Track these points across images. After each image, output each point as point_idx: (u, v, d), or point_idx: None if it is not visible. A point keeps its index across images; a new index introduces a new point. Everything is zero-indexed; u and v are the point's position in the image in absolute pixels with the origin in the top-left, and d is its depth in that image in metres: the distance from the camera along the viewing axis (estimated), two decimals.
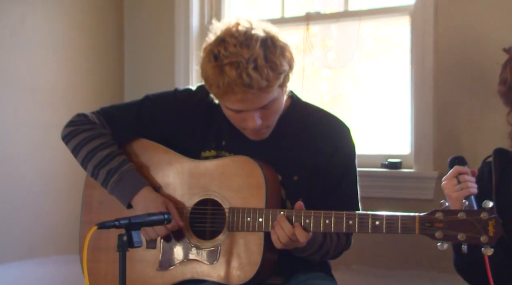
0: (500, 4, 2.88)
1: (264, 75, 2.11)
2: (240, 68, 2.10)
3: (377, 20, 3.33)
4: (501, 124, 2.56)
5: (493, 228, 1.92)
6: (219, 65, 2.14)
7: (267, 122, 2.28)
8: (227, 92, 2.15)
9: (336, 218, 2.11)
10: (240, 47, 2.13)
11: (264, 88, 2.14)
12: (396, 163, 3.12)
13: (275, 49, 2.17)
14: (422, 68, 3.05)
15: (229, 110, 2.25)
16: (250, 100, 2.16)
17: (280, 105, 2.29)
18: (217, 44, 2.18)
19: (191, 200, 2.36)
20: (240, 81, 2.10)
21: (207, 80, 2.21)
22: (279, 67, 2.16)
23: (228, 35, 2.17)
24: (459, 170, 2.22)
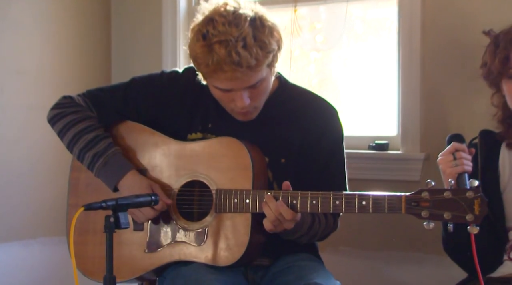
0: None
1: (253, 53, 2.13)
2: (229, 47, 2.11)
3: (364, 1, 3.33)
4: (488, 106, 2.57)
5: (478, 206, 1.94)
6: (208, 44, 2.15)
7: (255, 102, 2.29)
8: (216, 71, 2.16)
9: (323, 199, 2.12)
10: (229, 26, 2.14)
11: (253, 67, 2.14)
12: (383, 144, 3.13)
13: (263, 29, 2.18)
14: (410, 50, 3.06)
15: (218, 90, 2.26)
16: (239, 79, 2.17)
17: (268, 85, 2.29)
18: (206, 23, 2.18)
19: (178, 182, 2.37)
20: (230, 60, 2.11)
21: (195, 60, 2.22)
22: (268, 46, 2.17)
23: (216, 14, 2.18)
24: (456, 146, 2.24)
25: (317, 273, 2.31)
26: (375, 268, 3.18)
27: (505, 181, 2.44)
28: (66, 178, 2.57)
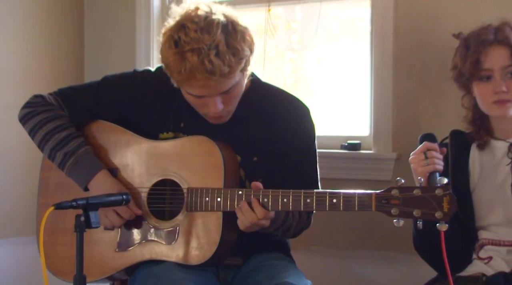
0: None
1: (226, 61, 2.12)
2: (202, 55, 2.10)
3: (338, 2, 3.34)
4: (458, 106, 2.60)
5: (447, 204, 1.96)
6: (180, 51, 2.13)
7: (228, 107, 2.29)
8: (189, 79, 2.15)
9: (294, 197, 2.13)
10: (201, 33, 2.12)
11: (226, 74, 2.14)
12: (356, 144, 3.15)
13: (236, 34, 2.17)
14: (382, 51, 3.08)
15: (191, 96, 2.25)
16: (212, 86, 2.17)
17: (241, 89, 2.30)
18: (177, 29, 2.17)
19: (149, 181, 2.36)
20: (202, 68, 2.10)
21: (168, 67, 2.21)
22: (241, 52, 2.16)
23: (188, 20, 2.16)
24: (428, 146, 2.26)
25: (289, 273, 2.31)
26: (347, 267, 3.20)
27: (474, 181, 2.46)
28: (36, 177, 2.55)
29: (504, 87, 2.33)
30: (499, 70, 2.35)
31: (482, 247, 2.42)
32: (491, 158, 2.47)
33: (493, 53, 2.37)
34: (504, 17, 2.48)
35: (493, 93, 2.36)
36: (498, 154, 2.46)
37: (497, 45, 2.37)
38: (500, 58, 2.36)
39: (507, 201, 2.38)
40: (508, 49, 2.35)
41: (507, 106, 2.36)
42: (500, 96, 2.35)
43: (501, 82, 2.34)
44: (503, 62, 2.35)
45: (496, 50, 2.37)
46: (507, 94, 2.34)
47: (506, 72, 2.35)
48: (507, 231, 2.38)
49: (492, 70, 2.36)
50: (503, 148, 2.45)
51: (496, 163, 2.45)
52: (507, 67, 2.35)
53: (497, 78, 2.35)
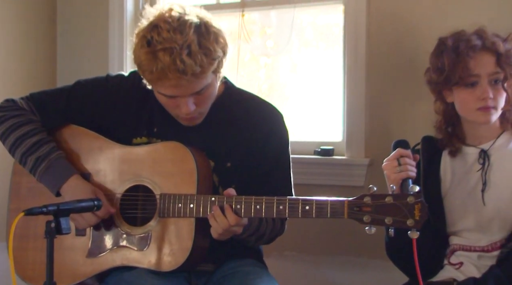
0: None
1: (198, 61, 2.11)
2: (174, 54, 2.09)
3: (312, 7, 3.34)
4: (430, 112, 2.61)
5: (419, 212, 1.96)
6: (152, 51, 2.12)
7: (200, 108, 2.27)
8: (160, 78, 2.14)
9: (267, 203, 2.11)
10: (173, 32, 2.11)
11: (198, 74, 2.13)
12: (329, 150, 3.15)
13: (208, 35, 2.16)
14: (355, 57, 3.08)
15: (163, 96, 2.24)
16: (184, 86, 2.15)
17: (213, 91, 2.28)
18: (150, 29, 2.16)
19: (121, 187, 2.34)
20: (174, 67, 2.09)
21: (140, 66, 2.19)
22: (213, 53, 2.15)
23: (161, 20, 2.16)
24: (401, 152, 2.27)
25: (261, 279, 2.30)
26: (320, 272, 3.19)
27: (446, 187, 2.47)
28: (7, 183, 2.52)
29: (490, 93, 2.34)
30: (486, 76, 2.36)
31: (453, 252, 2.43)
32: (463, 164, 2.48)
33: (481, 59, 2.37)
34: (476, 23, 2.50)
35: (478, 99, 2.36)
36: (469, 160, 2.47)
37: (485, 51, 2.38)
38: (487, 65, 2.37)
39: (478, 207, 2.40)
40: (495, 56, 2.37)
41: (491, 113, 2.37)
42: (486, 103, 2.35)
43: (487, 88, 2.35)
44: (490, 68, 2.36)
45: (484, 57, 2.37)
46: (492, 101, 2.36)
47: (492, 79, 2.37)
48: (478, 237, 2.40)
49: (479, 76, 2.36)
50: (474, 154, 2.46)
51: (467, 169, 2.46)
52: (494, 74, 2.36)
53: (483, 84, 2.35)
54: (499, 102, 2.37)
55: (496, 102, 2.36)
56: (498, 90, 2.36)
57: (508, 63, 2.36)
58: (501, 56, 2.35)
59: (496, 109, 2.37)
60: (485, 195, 2.39)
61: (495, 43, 2.36)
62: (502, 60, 2.35)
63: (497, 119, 2.43)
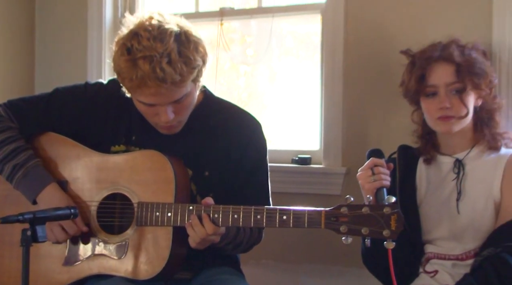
0: (407, 6, 2.93)
1: (178, 69, 2.10)
2: (153, 62, 2.07)
3: (289, 17, 3.34)
4: (407, 121, 2.62)
5: (395, 222, 1.96)
6: (132, 58, 2.11)
7: (179, 117, 2.26)
8: (140, 86, 2.12)
9: (244, 213, 2.11)
10: (153, 41, 2.10)
11: (177, 83, 2.11)
12: (306, 158, 3.14)
13: (188, 44, 2.15)
14: (332, 66, 3.08)
15: (142, 104, 2.22)
16: (164, 94, 2.14)
17: (192, 99, 2.27)
18: (130, 37, 2.14)
19: (99, 195, 2.32)
20: (154, 75, 2.07)
21: (119, 74, 2.18)
22: (193, 61, 2.14)
23: (141, 28, 2.14)
24: (375, 162, 2.28)
25: None
26: (297, 281, 3.18)
27: (421, 196, 2.48)
28: None
29: (448, 103, 2.36)
30: (444, 86, 2.38)
31: (428, 260, 2.43)
32: (438, 173, 2.49)
33: (438, 70, 2.39)
34: (452, 34, 2.51)
35: (437, 109, 2.38)
36: (444, 169, 2.48)
37: (442, 62, 2.39)
38: (444, 75, 2.38)
39: (453, 216, 2.41)
40: (453, 66, 2.38)
41: (451, 122, 2.38)
42: (444, 112, 2.37)
43: (445, 98, 2.36)
44: (448, 78, 2.38)
45: (441, 67, 2.39)
46: (451, 110, 2.37)
47: (451, 89, 2.38)
48: (452, 245, 2.40)
49: (437, 86, 2.38)
50: (449, 163, 2.47)
51: (442, 178, 2.47)
52: (452, 84, 2.38)
53: (441, 94, 2.38)
54: (460, 111, 2.37)
55: (455, 111, 2.37)
56: (458, 100, 2.37)
57: (468, 73, 2.36)
58: (460, 66, 2.36)
59: (456, 118, 2.38)
60: (459, 204, 2.40)
61: (452, 54, 2.37)
62: (461, 70, 2.36)
63: (470, 129, 2.44)
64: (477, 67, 2.39)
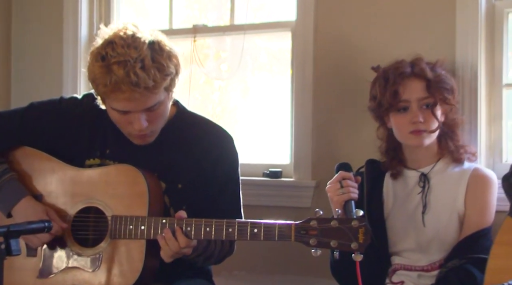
0: (374, 24, 2.96)
1: (151, 75, 2.10)
2: (127, 67, 2.08)
3: (260, 34, 3.35)
4: (374, 136, 2.64)
5: (363, 235, 1.97)
6: (106, 64, 2.11)
7: (152, 126, 2.25)
8: (114, 91, 2.11)
9: (216, 226, 2.11)
10: (127, 48, 2.11)
11: (150, 88, 2.11)
12: (277, 172, 3.15)
13: (162, 52, 2.17)
14: (302, 82, 3.09)
15: (116, 112, 2.21)
16: (137, 100, 2.13)
17: (165, 109, 2.27)
18: (105, 45, 2.15)
19: (73, 208, 2.30)
20: (128, 80, 2.08)
21: (94, 80, 2.17)
22: (166, 68, 2.15)
23: (116, 37, 2.16)
24: (343, 175, 2.29)
25: None
26: None
27: (388, 209, 2.50)
28: None
29: (420, 117, 2.39)
30: (416, 101, 2.41)
31: (394, 272, 2.45)
32: (404, 187, 2.51)
33: (410, 85, 2.43)
34: (418, 52, 2.55)
35: (410, 123, 2.41)
36: (410, 183, 2.50)
37: (414, 78, 2.43)
38: (416, 90, 2.42)
39: (418, 228, 2.43)
40: (424, 82, 2.42)
41: (423, 136, 2.42)
42: (417, 126, 2.40)
43: (417, 112, 2.40)
44: (420, 94, 2.41)
45: (413, 83, 2.43)
46: (423, 125, 2.40)
47: (422, 104, 2.42)
48: (418, 257, 2.43)
49: (409, 101, 2.41)
50: (415, 177, 2.49)
51: (409, 191, 2.50)
52: (423, 99, 2.41)
53: (414, 109, 2.41)
54: (430, 125, 2.41)
55: (427, 125, 2.41)
56: (429, 114, 2.41)
57: (437, 88, 2.42)
58: (430, 82, 2.41)
59: (427, 132, 2.41)
60: (425, 217, 2.42)
61: (424, 70, 2.42)
62: (432, 86, 2.41)
63: (434, 144, 2.47)
64: (446, 83, 2.45)
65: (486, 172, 2.46)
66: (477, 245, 2.32)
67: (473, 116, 2.70)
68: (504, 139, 2.75)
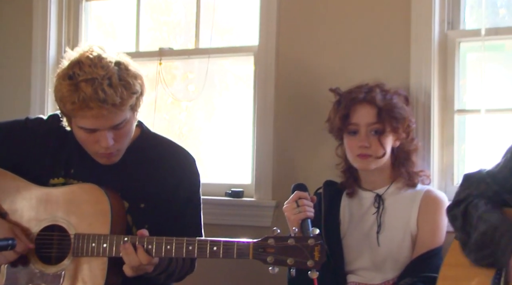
0: (335, 49, 3.00)
1: (118, 92, 2.12)
2: (95, 85, 2.09)
3: (224, 58, 3.38)
4: (332, 158, 2.66)
5: (318, 253, 1.98)
6: (74, 82, 2.12)
7: (118, 144, 2.25)
8: (82, 108, 2.11)
9: (177, 244, 2.11)
10: (95, 67, 2.13)
11: (118, 105, 2.12)
12: (239, 192, 3.16)
13: (127, 71, 2.18)
14: (264, 104, 3.11)
15: (82, 131, 2.21)
16: (105, 117, 2.13)
17: (131, 128, 2.27)
18: (72, 66, 2.16)
19: (37, 226, 2.29)
20: (96, 97, 2.08)
21: (61, 99, 2.17)
22: (132, 87, 2.17)
23: (82, 58, 2.17)
24: (299, 195, 2.32)
25: None
26: None
27: (345, 228, 2.52)
28: None
29: (367, 142, 2.43)
30: (365, 126, 2.45)
31: None
32: (360, 207, 2.54)
33: (360, 110, 2.46)
34: (376, 77, 2.58)
35: (357, 146, 2.45)
36: (366, 204, 2.53)
37: (365, 104, 2.47)
38: (366, 116, 2.45)
39: (373, 247, 2.46)
40: (375, 109, 2.45)
41: (368, 160, 2.46)
42: (363, 151, 2.44)
43: (365, 137, 2.44)
44: (369, 119, 2.45)
45: (364, 108, 2.46)
46: (369, 149, 2.44)
47: (371, 129, 2.45)
48: (373, 275, 2.45)
49: (358, 125, 2.45)
50: (370, 198, 2.53)
51: (364, 212, 2.52)
52: (372, 125, 2.45)
53: (362, 133, 2.45)
54: (378, 151, 2.44)
55: (374, 151, 2.44)
56: (376, 141, 2.44)
57: (388, 116, 2.44)
58: (381, 110, 2.44)
59: (374, 157, 2.44)
60: (379, 237, 2.45)
61: (375, 97, 2.45)
62: (382, 114, 2.44)
63: (388, 167, 2.51)
64: (397, 112, 2.46)
65: (438, 194, 2.50)
66: (428, 264, 2.35)
67: (427, 141, 2.75)
68: (456, 162, 2.80)
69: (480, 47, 2.77)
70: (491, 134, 2.77)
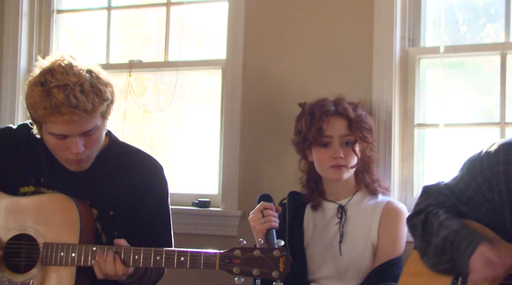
0: (300, 63, 3.02)
1: (90, 98, 2.11)
2: (67, 90, 2.09)
3: (193, 71, 3.38)
4: (297, 169, 2.68)
5: (283, 264, 1.98)
6: (46, 89, 2.11)
7: (88, 151, 2.23)
8: (54, 113, 2.10)
9: (144, 254, 2.11)
10: (66, 74, 2.12)
11: (89, 111, 2.12)
12: (206, 202, 3.15)
13: (98, 79, 2.18)
14: (231, 116, 3.12)
15: (53, 138, 2.19)
16: (76, 122, 2.12)
17: (101, 135, 2.26)
18: (44, 73, 2.15)
19: (6, 235, 2.25)
20: (68, 102, 2.08)
21: (33, 105, 2.15)
22: (103, 94, 2.16)
23: (54, 65, 2.16)
24: (265, 205, 2.33)
25: None
26: None
27: (308, 238, 2.53)
28: None
29: (341, 153, 2.45)
30: (338, 138, 2.47)
31: None
32: (323, 217, 2.56)
33: (333, 123, 2.49)
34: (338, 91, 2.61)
35: (331, 158, 2.46)
36: (329, 214, 2.55)
37: (337, 116, 2.49)
38: (339, 128, 2.48)
39: (336, 257, 2.47)
40: (346, 121, 2.48)
41: (342, 171, 2.47)
42: (337, 161, 2.46)
43: (339, 148, 2.46)
44: (342, 131, 2.48)
45: (337, 121, 2.49)
46: (343, 160, 2.46)
47: (343, 141, 2.48)
48: (335, 284, 2.47)
49: (332, 137, 2.47)
50: (333, 209, 2.54)
51: (327, 222, 2.54)
52: (345, 136, 2.48)
53: (335, 145, 2.46)
54: (350, 161, 2.48)
55: (347, 161, 2.47)
56: (349, 151, 2.47)
57: (358, 127, 2.49)
58: (352, 121, 2.48)
59: (347, 167, 2.48)
60: (342, 246, 2.47)
61: (346, 110, 2.49)
62: (353, 125, 2.48)
63: (352, 178, 2.53)
64: (366, 122, 2.52)
65: (398, 205, 2.53)
66: (388, 273, 2.38)
67: (388, 154, 2.78)
68: (415, 175, 2.84)
69: (439, 63, 2.82)
70: (449, 147, 2.81)
